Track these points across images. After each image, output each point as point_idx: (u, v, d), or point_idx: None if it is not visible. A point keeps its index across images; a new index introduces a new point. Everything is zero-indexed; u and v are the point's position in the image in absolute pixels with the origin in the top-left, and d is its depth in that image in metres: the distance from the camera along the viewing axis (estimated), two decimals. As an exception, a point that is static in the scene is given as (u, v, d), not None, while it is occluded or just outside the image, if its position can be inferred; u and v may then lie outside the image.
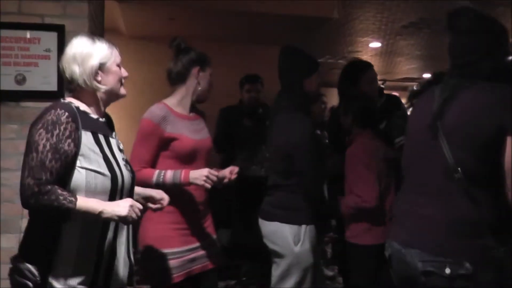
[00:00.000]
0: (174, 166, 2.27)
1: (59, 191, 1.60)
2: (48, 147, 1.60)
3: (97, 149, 1.72)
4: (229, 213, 4.12)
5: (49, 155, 1.60)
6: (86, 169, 1.68)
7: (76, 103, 1.75)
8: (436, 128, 1.68)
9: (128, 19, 4.93)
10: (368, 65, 3.12)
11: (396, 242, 1.76)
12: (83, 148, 1.68)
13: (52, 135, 1.62)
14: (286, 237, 2.46)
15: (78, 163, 1.66)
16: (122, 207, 1.67)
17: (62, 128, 1.63)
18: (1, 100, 2.67)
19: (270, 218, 2.55)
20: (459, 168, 1.59)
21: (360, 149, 2.71)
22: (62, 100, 1.75)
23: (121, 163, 1.81)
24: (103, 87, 1.77)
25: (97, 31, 3.08)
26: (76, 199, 1.61)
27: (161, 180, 2.21)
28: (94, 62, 1.73)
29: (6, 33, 2.66)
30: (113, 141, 1.85)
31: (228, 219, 4.08)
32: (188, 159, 2.30)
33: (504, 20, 1.82)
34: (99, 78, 1.76)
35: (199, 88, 2.38)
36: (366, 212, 2.59)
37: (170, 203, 2.07)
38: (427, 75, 11.00)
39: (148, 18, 4.85)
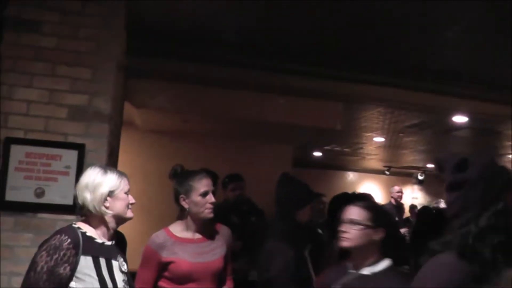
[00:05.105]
0: (170, 285, 2.42)
1: None
2: (45, 269, 1.82)
3: (94, 274, 1.90)
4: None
5: (44, 276, 1.81)
6: None
7: (84, 228, 1.97)
8: None
9: (144, 118, 5.22)
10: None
11: None
12: (79, 272, 1.87)
13: (51, 259, 1.83)
14: None
15: (73, 284, 1.85)
16: None
17: (62, 254, 1.85)
18: (20, 211, 2.84)
19: None
20: None
21: None
22: (72, 225, 1.97)
23: (120, 285, 1.96)
24: (110, 212, 1.99)
25: (115, 143, 3.31)
26: None
27: None
28: (103, 190, 1.97)
29: (31, 149, 2.86)
30: (115, 264, 2.00)
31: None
32: (184, 280, 2.42)
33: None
34: (107, 204, 1.98)
35: (193, 212, 2.47)
36: None
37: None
38: (430, 165, 11.16)
39: (163, 120, 5.13)
